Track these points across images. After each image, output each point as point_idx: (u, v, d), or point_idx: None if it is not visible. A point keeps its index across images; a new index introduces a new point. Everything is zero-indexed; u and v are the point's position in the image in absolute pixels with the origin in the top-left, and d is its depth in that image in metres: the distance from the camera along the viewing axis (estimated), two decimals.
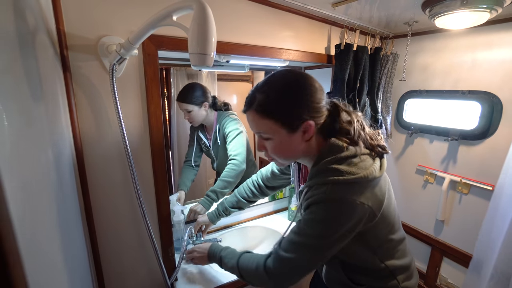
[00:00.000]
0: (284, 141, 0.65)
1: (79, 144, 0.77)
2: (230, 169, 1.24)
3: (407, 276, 0.75)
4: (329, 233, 0.61)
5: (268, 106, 0.63)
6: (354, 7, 1.09)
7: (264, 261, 0.71)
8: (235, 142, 1.32)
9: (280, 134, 0.64)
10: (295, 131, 0.63)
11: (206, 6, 0.55)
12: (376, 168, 0.64)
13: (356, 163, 0.62)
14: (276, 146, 0.66)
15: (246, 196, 1.09)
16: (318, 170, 0.65)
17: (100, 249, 0.87)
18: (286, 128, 0.63)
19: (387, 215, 0.67)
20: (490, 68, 1.20)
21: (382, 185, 0.66)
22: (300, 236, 0.65)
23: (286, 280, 0.68)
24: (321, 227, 0.62)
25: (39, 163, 0.48)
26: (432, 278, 1.55)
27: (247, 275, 0.76)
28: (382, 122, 1.48)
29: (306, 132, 0.64)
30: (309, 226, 0.63)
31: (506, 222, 1.06)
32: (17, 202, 0.33)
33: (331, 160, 0.63)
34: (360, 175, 0.60)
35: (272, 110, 0.62)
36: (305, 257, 0.65)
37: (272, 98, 0.62)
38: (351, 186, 0.61)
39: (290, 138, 0.64)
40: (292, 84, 0.64)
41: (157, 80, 0.85)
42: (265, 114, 0.63)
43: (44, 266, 0.43)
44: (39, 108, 0.51)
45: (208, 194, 1.22)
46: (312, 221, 0.63)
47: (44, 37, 0.60)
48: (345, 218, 0.60)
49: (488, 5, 0.89)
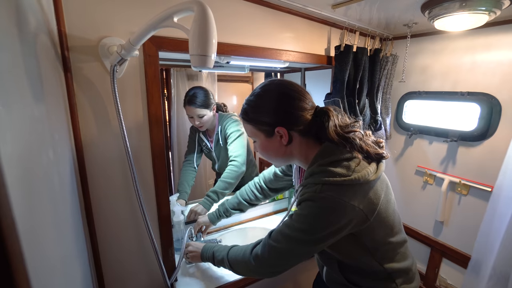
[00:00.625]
0: (264, 144, 0.73)
1: (80, 145, 0.77)
2: (230, 171, 1.25)
3: (406, 280, 0.74)
4: (315, 230, 0.63)
5: (247, 113, 0.72)
6: (353, 9, 1.10)
7: (252, 248, 0.77)
8: (236, 143, 1.32)
9: (260, 138, 0.73)
10: (271, 135, 0.71)
11: (206, 8, 0.55)
12: (370, 172, 0.64)
13: (348, 166, 0.64)
14: (260, 147, 0.75)
15: (247, 198, 1.10)
16: (312, 171, 0.67)
17: (100, 249, 0.87)
18: (263, 133, 0.71)
19: (385, 218, 0.67)
20: (489, 70, 1.21)
21: (378, 188, 0.66)
22: (289, 228, 0.67)
23: (270, 266, 0.72)
24: (309, 223, 0.64)
25: (40, 164, 0.48)
26: (431, 279, 1.55)
27: (234, 264, 0.80)
28: (382, 123, 1.48)
29: (282, 137, 0.70)
30: (298, 220, 0.66)
31: (504, 223, 1.07)
32: (19, 203, 0.34)
33: (324, 162, 0.66)
34: (352, 178, 0.62)
35: (249, 117, 0.72)
36: (291, 249, 0.67)
37: (250, 106, 0.72)
38: (341, 187, 0.62)
39: (269, 142, 0.72)
40: (266, 94, 0.71)
41: (157, 81, 0.85)
42: (246, 120, 0.73)
43: (46, 266, 0.44)
44: (40, 109, 0.51)
45: (208, 195, 1.22)
46: (301, 216, 0.65)
47: (46, 38, 0.61)
48: (333, 217, 0.61)
49: (486, 8, 0.90)
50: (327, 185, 0.62)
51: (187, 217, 1.23)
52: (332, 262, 0.77)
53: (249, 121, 0.72)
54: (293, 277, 1.26)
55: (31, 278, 0.28)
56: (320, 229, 0.63)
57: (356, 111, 1.34)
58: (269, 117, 0.69)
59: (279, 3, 1.04)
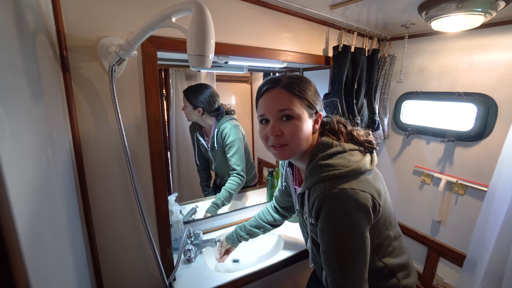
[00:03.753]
0: (303, 122, 0.67)
1: (78, 144, 0.78)
2: (235, 183, 1.35)
3: (406, 274, 0.76)
4: (352, 227, 0.62)
5: (296, 86, 0.67)
6: (351, 9, 1.11)
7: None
8: (237, 155, 1.37)
9: (302, 115, 0.67)
10: (312, 117, 0.70)
11: (204, 8, 0.55)
12: (367, 161, 0.67)
13: (346, 158, 0.66)
14: (297, 126, 0.67)
15: (264, 219, 1.10)
16: (312, 168, 0.68)
17: (98, 248, 0.87)
18: (307, 111, 0.68)
19: (385, 210, 0.68)
20: (485, 70, 1.22)
21: (376, 179, 0.68)
22: (335, 250, 0.64)
23: (355, 285, 0.65)
24: (342, 227, 0.62)
25: (38, 163, 0.48)
26: (428, 279, 1.56)
27: None
28: (380, 123, 1.49)
29: (316, 123, 0.71)
30: (332, 235, 0.63)
31: (498, 222, 1.08)
32: (18, 202, 0.34)
33: (322, 156, 0.67)
34: (353, 167, 0.63)
35: (299, 90, 0.67)
36: (354, 263, 0.63)
37: (298, 82, 0.69)
38: (346, 178, 0.63)
39: (307, 123, 0.68)
40: (307, 79, 0.72)
41: (156, 81, 0.85)
42: (294, 93, 0.67)
43: (44, 264, 0.44)
44: (39, 109, 0.51)
45: (215, 202, 1.32)
46: (329, 228, 0.63)
47: (44, 38, 0.61)
48: (353, 208, 0.61)
49: (482, 9, 0.91)
50: (333, 179, 0.63)
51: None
52: None
53: (299, 96, 0.67)
54: (291, 277, 1.27)
55: (30, 278, 0.29)
56: (354, 223, 0.61)
57: (354, 111, 1.34)
58: (318, 100, 0.71)
59: (277, 4, 1.05)
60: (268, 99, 0.69)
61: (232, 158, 1.37)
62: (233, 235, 1.12)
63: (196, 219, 1.29)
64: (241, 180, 1.36)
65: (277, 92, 0.67)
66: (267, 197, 1.52)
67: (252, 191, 1.61)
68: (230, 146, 1.37)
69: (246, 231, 1.10)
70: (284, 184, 0.96)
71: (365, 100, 1.42)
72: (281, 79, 0.69)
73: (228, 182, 1.35)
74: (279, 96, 0.67)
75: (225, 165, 1.42)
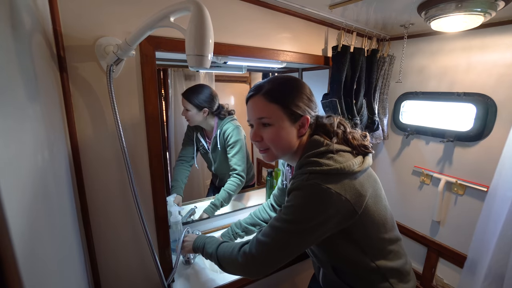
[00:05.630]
0: (283, 129, 0.69)
1: (76, 145, 0.77)
2: (235, 184, 1.33)
3: (401, 279, 0.73)
4: (304, 219, 0.63)
5: (276, 93, 0.69)
6: (351, 9, 1.10)
7: (241, 245, 0.74)
8: (239, 156, 1.36)
9: (281, 121, 0.69)
10: (294, 122, 0.70)
11: (203, 8, 0.55)
12: (355, 163, 0.66)
13: (333, 157, 0.66)
14: (275, 133, 0.69)
15: (261, 217, 1.11)
16: (300, 163, 0.70)
17: (96, 250, 0.86)
18: (287, 117, 0.69)
19: (375, 213, 0.67)
20: (485, 71, 1.22)
21: (365, 181, 0.67)
22: (278, 221, 0.66)
23: (257, 264, 0.68)
24: (297, 213, 0.64)
25: (35, 164, 0.47)
26: (428, 279, 1.56)
27: (222, 260, 0.76)
28: (379, 123, 1.49)
29: (302, 127, 0.71)
30: (285, 212, 0.66)
31: (499, 223, 1.08)
32: (12, 203, 0.33)
33: (311, 154, 0.68)
34: (336, 167, 0.64)
35: (279, 96, 0.68)
36: (280, 242, 0.65)
37: (280, 88, 0.70)
38: (327, 176, 0.63)
39: (288, 129, 0.70)
40: (294, 82, 0.72)
41: (154, 81, 0.85)
42: (272, 99, 0.68)
43: (39, 268, 0.43)
44: (35, 109, 0.51)
45: (214, 203, 1.31)
46: (289, 207, 0.65)
47: (41, 38, 0.60)
48: (320, 205, 0.61)
49: (482, 9, 0.90)
50: (314, 174, 0.64)
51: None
52: (327, 265, 0.77)
53: (277, 102, 0.68)
54: (290, 278, 1.26)
55: (24, 281, 0.28)
56: (307, 218, 0.62)
57: (353, 111, 1.34)
58: (302, 103, 0.70)
59: (277, 4, 1.04)
60: (249, 106, 0.73)
61: (234, 158, 1.36)
62: (228, 232, 1.12)
63: (195, 220, 1.28)
64: (240, 181, 1.35)
65: (256, 99, 0.70)
66: (267, 198, 1.51)
67: (251, 192, 1.60)
68: (232, 146, 1.36)
69: (241, 228, 1.10)
70: (285, 182, 0.96)
71: (365, 100, 1.42)
72: (264, 85, 0.70)
73: (228, 183, 1.34)
74: (258, 104, 0.70)
75: (226, 166, 1.41)
